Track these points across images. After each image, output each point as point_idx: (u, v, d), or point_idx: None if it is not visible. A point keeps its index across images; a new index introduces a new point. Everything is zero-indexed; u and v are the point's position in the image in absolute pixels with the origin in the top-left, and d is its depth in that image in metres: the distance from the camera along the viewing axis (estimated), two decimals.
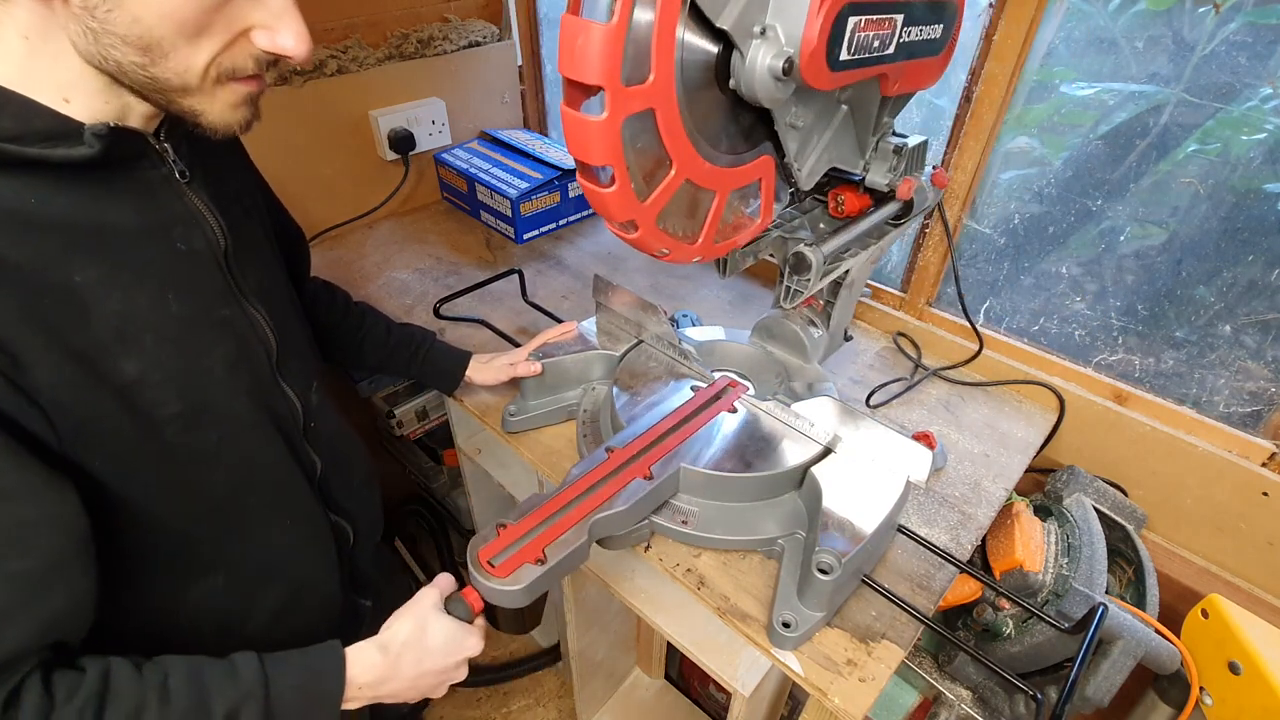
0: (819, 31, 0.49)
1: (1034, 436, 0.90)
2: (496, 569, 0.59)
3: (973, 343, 0.98)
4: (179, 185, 0.54)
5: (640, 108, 0.47)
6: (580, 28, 0.43)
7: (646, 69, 0.46)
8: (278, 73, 1.14)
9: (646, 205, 0.52)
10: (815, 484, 0.69)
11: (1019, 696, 0.78)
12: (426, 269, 1.23)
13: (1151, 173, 0.80)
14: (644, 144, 0.49)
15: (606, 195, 0.50)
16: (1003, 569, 0.80)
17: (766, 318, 0.87)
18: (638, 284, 1.18)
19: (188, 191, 0.55)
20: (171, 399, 0.52)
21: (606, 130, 0.46)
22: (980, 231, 0.96)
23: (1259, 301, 0.78)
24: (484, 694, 1.45)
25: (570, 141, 0.48)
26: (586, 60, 0.43)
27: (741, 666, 0.80)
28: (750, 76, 0.50)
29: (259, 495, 0.61)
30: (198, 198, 0.55)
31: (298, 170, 1.22)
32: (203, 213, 0.56)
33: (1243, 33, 0.71)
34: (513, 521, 0.62)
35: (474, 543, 0.61)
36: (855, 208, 0.74)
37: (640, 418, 0.75)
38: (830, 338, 0.85)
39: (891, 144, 0.70)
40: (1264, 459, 0.81)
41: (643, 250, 0.57)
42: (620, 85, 0.44)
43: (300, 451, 0.66)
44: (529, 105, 1.55)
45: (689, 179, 0.54)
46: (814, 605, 0.63)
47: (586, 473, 0.67)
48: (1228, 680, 0.72)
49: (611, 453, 0.70)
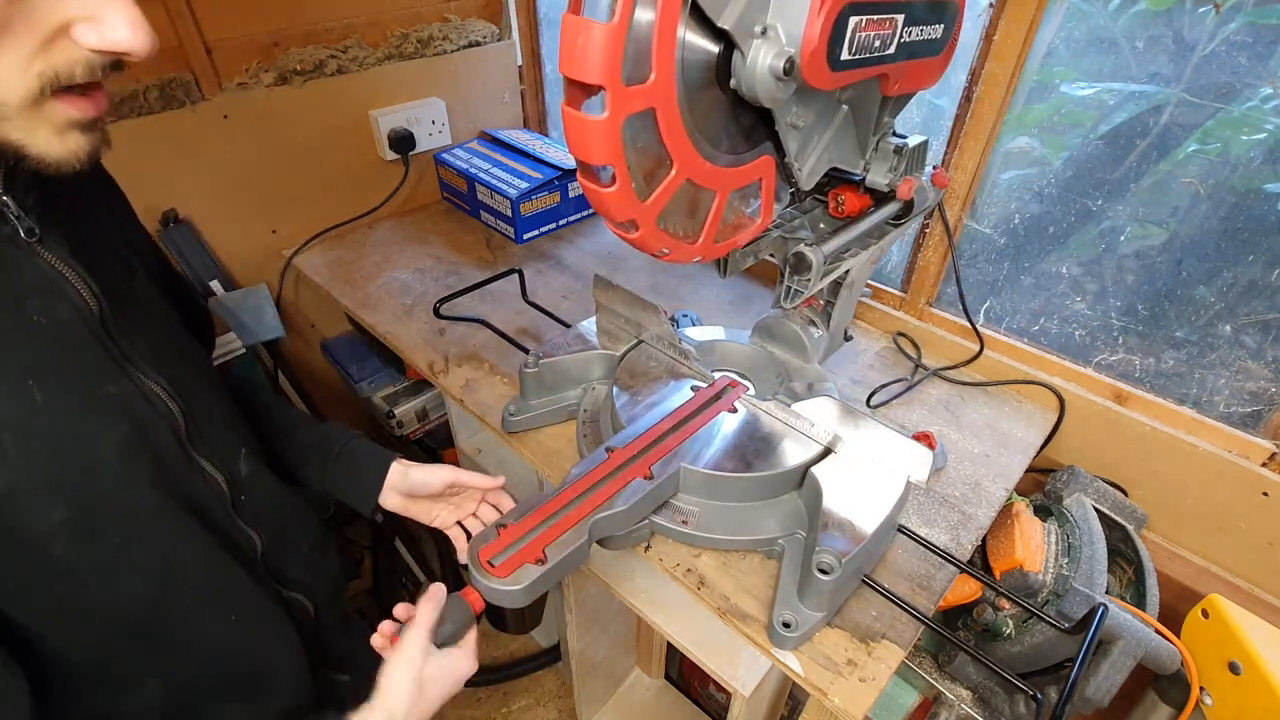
0: (820, 31, 0.49)
1: (1034, 436, 0.90)
2: (497, 569, 0.58)
3: (973, 343, 0.98)
4: (27, 245, 0.45)
5: (641, 107, 0.47)
6: (581, 27, 0.43)
7: (647, 68, 0.45)
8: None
9: (647, 205, 0.52)
10: (815, 484, 0.69)
11: (1019, 696, 0.78)
12: (426, 269, 1.23)
13: (1151, 173, 0.80)
14: (644, 144, 0.49)
15: (607, 195, 0.50)
16: (1003, 569, 0.80)
17: (767, 318, 0.87)
18: (638, 284, 1.18)
19: (40, 252, 0.45)
20: (53, 507, 0.44)
21: (607, 130, 0.46)
22: (980, 231, 0.96)
23: (1259, 301, 0.78)
24: (484, 694, 1.45)
25: (571, 141, 0.48)
26: (587, 60, 0.43)
27: (741, 666, 0.80)
28: (751, 76, 0.50)
29: (185, 593, 0.53)
30: (55, 257, 0.46)
31: (298, 170, 1.22)
32: (64, 275, 0.46)
33: (1243, 33, 0.71)
34: (513, 521, 0.62)
35: (474, 543, 0.61)
36: (855, 208, 0.74)
37: (640, 418, 0.75)
38: (830, 338, 0.85)
39: (892, 144, 0.70)
40: (1264, 459, 0.81)
41: (643, 250, 0.57)
42: (621, 85, 0.44)
43: (231, 532, 0.58)
44: (529, 105, 1.55)
45: (689, 179, 0.54)
46: (814, 605, 0.63)
47: (586, 473, 0.67)
48: (1228, 680, 0.72)
49: (611, 453, 0.70)
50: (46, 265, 0.46)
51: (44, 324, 0.45)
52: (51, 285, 0.46)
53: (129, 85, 1.00)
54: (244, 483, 0.59)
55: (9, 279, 0.44)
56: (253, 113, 1.12)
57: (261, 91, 1.13)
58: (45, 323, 0.45)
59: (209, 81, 1.08)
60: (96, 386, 0.47)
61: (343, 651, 0.72)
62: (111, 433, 0.47)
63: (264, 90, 1.13)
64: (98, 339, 0.48)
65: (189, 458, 0.54)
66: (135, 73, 1.01)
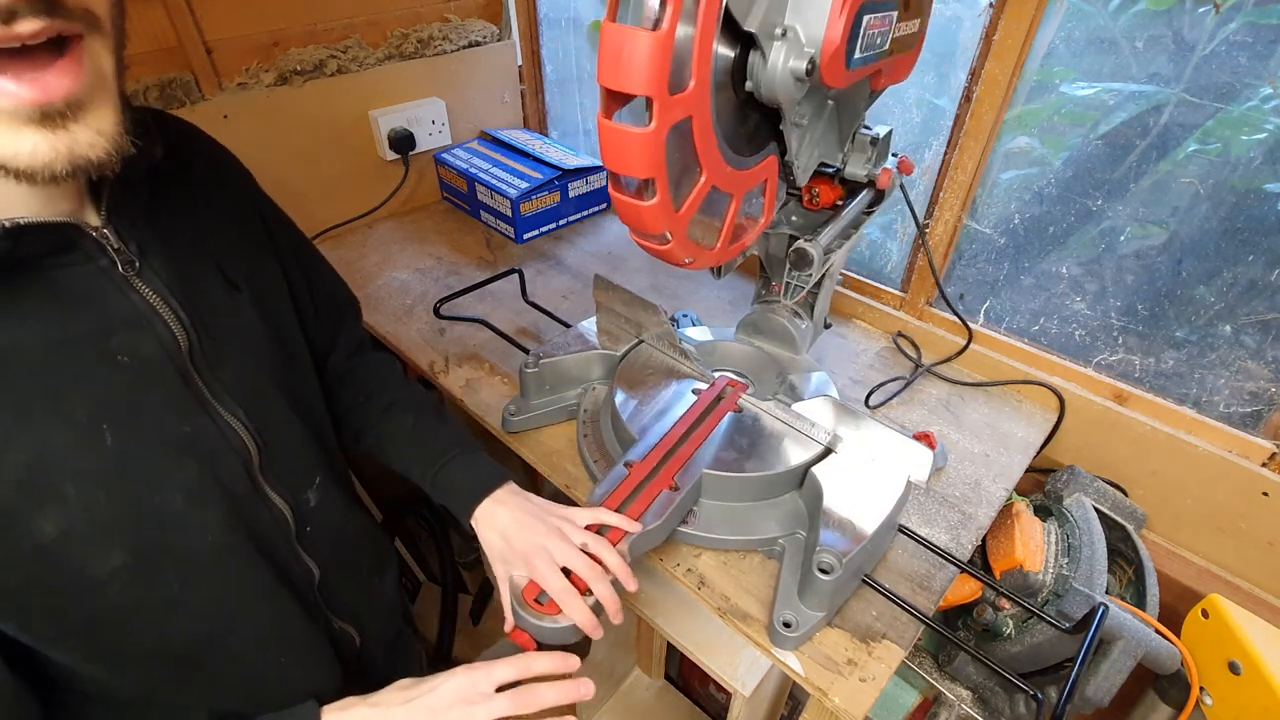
0: (841, 32, 0.49)
1: (1034, 436, 0.90)
2: (546, 606, 0.56)
3: (963, 337, 0.98)
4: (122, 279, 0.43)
5: (681, 116, 0.45)
6: (626, 36, 0.40)
7: (687, 76, 0.44)
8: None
9: (680, 215, 0.51)
10: (816, 484, 0.69)
11: (1019, 696, 0.78)
12: (426, 269, 1.23)
13: (1151, 173, 0.80)
14: (679, 153, 0.48)
15: (646, 209, 0.48)
16: (1003, 569, 0.80)
17: (752, 314, 0.87)
18: (638, 284, 1.18)
19: (135, 285, 0.43)
20: (110, 552, 0.42)
21: (653, 142, 0.44)
22: (980, 231, 0.96)
23: (1259, 301, 0.78)
24: None
25: (610, 155, 0.46)
26: (632, 70, 0.40)
27: (741, 666, 0.80)
28: (772, 78, 0.50)
29: (235, 633, 0.51)
30: (150, 289, 0.44)
31: (298, 170, 1.22)
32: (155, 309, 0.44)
33: (1243, 33, 0.71)
34: None
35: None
36: (829, 199, 0.75)
37: (648, 425, 0.75)
38: (814, 327, 0.87)
39: (867, 136, 0.71)
40: (1264, 459, 0.81)
41: (668, 260, 0.56)
42: (668, 95, 0.42)
43: (291, 564, 0.56)
44: (529, 105, 1.55)
45: (715, 185, 0.53)
46: (814, 605, 0.63)
47: (611, 492, 0.65)
48: (1228, 680, 0.72)
49: (631, 467, 0.68)
50: (140, 299, 0.44)
51: (126, 362, 0.42)
52: (141, 319, 0.43)
53: (129, 85, 1.00)
54: (310, 513, 0.57)
55: (96, 314, 0.41)
56: (253, 113, 1.12)
57: (261, 91, 1.13)
58: (128, 360, 0.42)
59: (209, 81, 1.08)
60: (172, 426, 0.45)
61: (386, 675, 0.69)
62: (180, 474, 0.45)
63: (264, 90, 1.13)
64: (181, 375, 0.46)
65: (258, 491, 0.52)
66: (135, 72, 1.01)
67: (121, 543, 0.43)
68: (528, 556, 0.58)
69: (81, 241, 0.40)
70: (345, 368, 0.71)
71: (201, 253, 0.50)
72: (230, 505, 0.49)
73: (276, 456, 0.53)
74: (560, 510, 0.62)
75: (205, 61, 1.06)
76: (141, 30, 0.99)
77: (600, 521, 0.62)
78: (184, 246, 0.47)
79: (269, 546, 0.53)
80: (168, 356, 0.45)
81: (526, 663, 0.51)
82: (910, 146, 0.98)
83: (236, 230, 0.55)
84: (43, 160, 0.33)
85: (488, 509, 0.63)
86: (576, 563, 0.57)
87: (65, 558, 0.40)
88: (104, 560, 0.42)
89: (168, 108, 1.04)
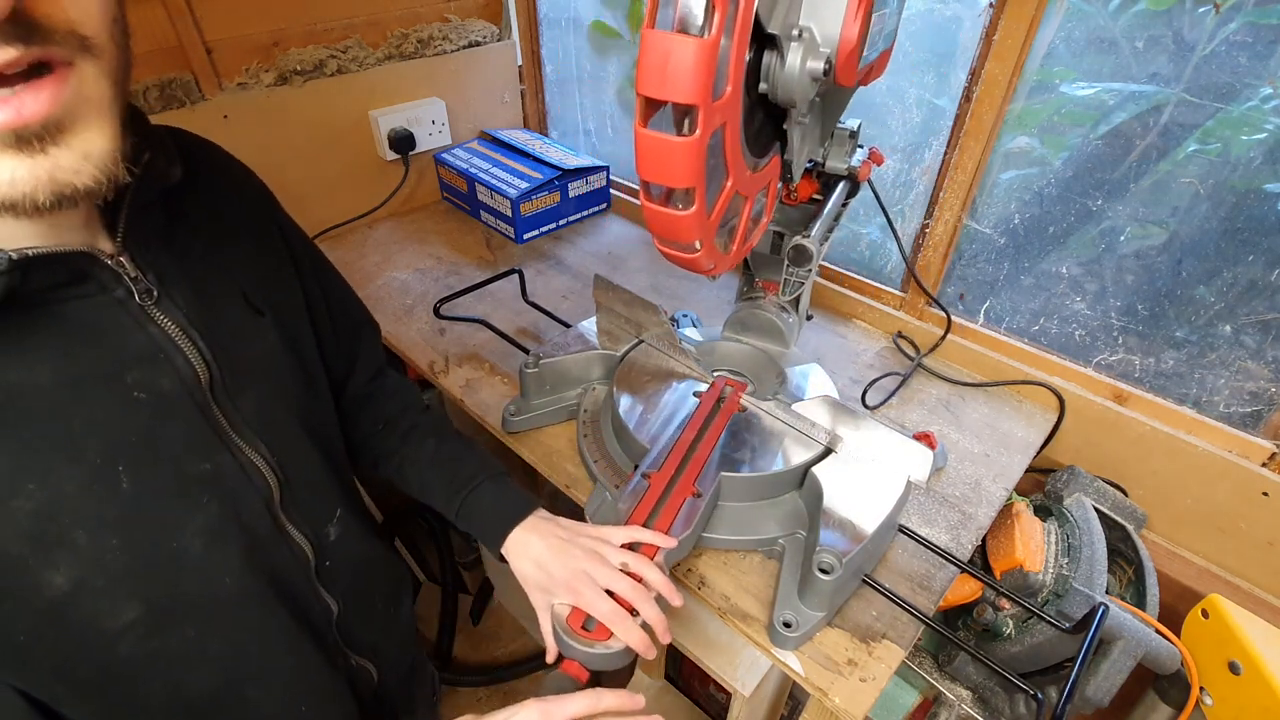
0: (858, 31, 0.49)
1: (1034, 436, 0.90)
2: (594, 632, 0.54)
3: (961, 335, 0.98)
4: (139, 310, 0.40)
5: (720, 123, 0.44)
6: (671, 44, 0.38)
7: (724, 82, 0.43)
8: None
9: (711, 221, 0.50)
10: (816, 484, 0.69)
11: (1019, 696, 0.78)
12: (426, 269, 1.23)
13: (1151, 173, 0.80)
14: (712, 159, 0.47)
15: (681, 218, 0.47)
16: (1003, 569, 0.80)
17: (739, 311, 0.87)
18: (638, 284, 1.18)
19: (153, 315, 0.41)
20: (125, 603, 0.40)
21: (696, 151, 0.42)
22: (980, 231, 0.96)
23: (1259, 301, 0.78)
24: (484, 694, 1.45)
25: (648, 166, 0.44)
26: (679, 78, 0.39)
27: (741, 666, 0.80)
28: (789, 79, 0.50)
29: (257, 683, 0.49)
30: (170, 319, 0.41)
31: (298, 170, 1.22)
32: (174, 341, 0.42)
33: (1243, 33, 0.71)
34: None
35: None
36: (806, 194, 0.77)
37: (657, 433, 0.74)
38: (800, 320, 0.89)
39: (845, 130, 0.73)
40: (1264, 459, 0.81)
41: (694, 269, 0.55)
42: (711, 102, 0.41)
43: (310, 602, 0.54)
44: (529, 105, 1.55)
45: (737, 189, 0.52)
46: (815, 605, 0.63)
47: (636, 505, 0.64)
48: (1228, 680, 0.72)
49: (650, 477, 0.67)
50: (158, 331, 0.41)
51: (143, 398, 0.40)
52: (158, 353, 0.41)
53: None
54: (330, 547, 0.55)
55: (111, 349, 0.39)
56: (253, 113, 1.12)
57: (261, 91, 1.13)
58: (144, 397, 0.40)
59: (209, 82, 1.08)
60: (191, 464, 0.43)
61: (402, 704, 0.69)
62: (200, 516, 0.43)
63: (264, 90, 1.13)
64: (201, 409, 0.43)
65: (279, 529, 0.50)
66: (136, 73, 1.01)
67: (137, 593, 0.41)
68: (570, 583, 0.55)
69: (95, 271, 0.38)
70: (365, 392, 0.68)
71: (224, 277, 0.47)
72: (251, 546, 0.47)
73: (298, 491, 0.51)
74: (593, 530, 0.60)
75: (205, 61, 1.06)
76: (141, 30, 0.99)
77: (635, 539, 0.60)
78: (205, 272, 0.45)
79: (289, 587, 0.51)
80: (186, 390, 0.42)
81: (598, 698, 0.49)
82: (910, 146, 0.98)
83: (259, 251, 0.53)
84: (21, 190, 0.30)
85: (519, 538, 0.61)
86: (620, 585, 0.55)
87: (76, 611, 0.38)
88: (118, 613, 0.40)
89: (168, 108, 1.04)
